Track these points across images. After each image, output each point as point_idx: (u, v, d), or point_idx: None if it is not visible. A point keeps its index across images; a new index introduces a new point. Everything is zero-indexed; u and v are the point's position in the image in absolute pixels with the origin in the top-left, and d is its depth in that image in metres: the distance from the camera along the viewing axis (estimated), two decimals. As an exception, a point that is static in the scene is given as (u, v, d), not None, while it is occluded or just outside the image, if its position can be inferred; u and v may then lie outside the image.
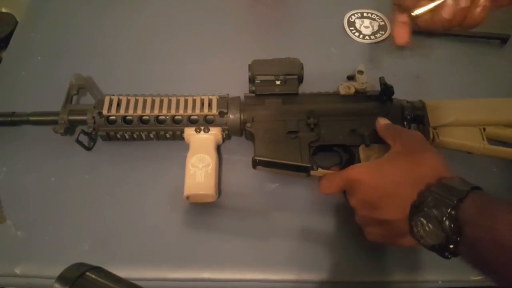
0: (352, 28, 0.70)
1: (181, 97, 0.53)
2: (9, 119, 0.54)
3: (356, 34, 0.69)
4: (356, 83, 0.54)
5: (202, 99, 0.53)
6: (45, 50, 0.66)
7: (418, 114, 0.53)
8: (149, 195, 0.53)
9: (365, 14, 0.72)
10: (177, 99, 0.53)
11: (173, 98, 0.53)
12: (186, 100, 0.53)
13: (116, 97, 0.53)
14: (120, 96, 0.53)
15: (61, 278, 0.26)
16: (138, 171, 0.54)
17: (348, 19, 0.71)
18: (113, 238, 0.50)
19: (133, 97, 0.53)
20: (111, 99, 0.53)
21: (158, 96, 0.53)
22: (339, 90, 0.54)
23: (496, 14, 0.51)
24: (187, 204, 0.52)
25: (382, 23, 0.70)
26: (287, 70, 0.53)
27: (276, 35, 0.69)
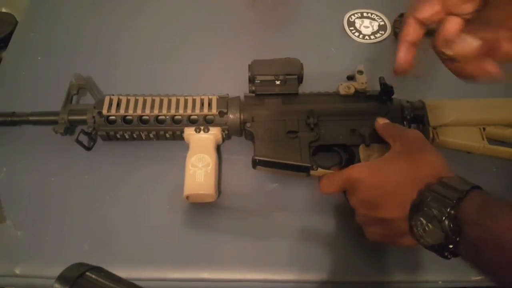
0: (352, 28, 0.70)
1: (181, 97, 0.53)
2: (9, 119, 0.54)
3: (356, 34, 0.69)
4: (356, 83, 0.54)
5: (202, 99, 0.53)
6: (45, 50, 0.66)
7: (418, 114, 0.53)
8: (149, 195, 0.53)
9: (365, 14, 0.72)
10: (177, 99, 0.53)
11: (173, 98, 0.53)
12: (186, 100, 0.53)
13: (116, 97, 0.53)
14: (120, 96, 0.53)
15: (61, 278, 0.26)
16: (138, 171, 0.54)
17: (348, 19, 0.71)
18: (113, 238, 0.50)
19: (133, 97, 0.53)
20: (111, 99, 0.53)
21: (158, 96, 0.53)
22: (339, 90, 0.54)
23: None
24: (187, 204, 0.51)
25: (382, 23, 0.70)
26: (287, 70, 0.53)
27: (276, 35, 0.69)
